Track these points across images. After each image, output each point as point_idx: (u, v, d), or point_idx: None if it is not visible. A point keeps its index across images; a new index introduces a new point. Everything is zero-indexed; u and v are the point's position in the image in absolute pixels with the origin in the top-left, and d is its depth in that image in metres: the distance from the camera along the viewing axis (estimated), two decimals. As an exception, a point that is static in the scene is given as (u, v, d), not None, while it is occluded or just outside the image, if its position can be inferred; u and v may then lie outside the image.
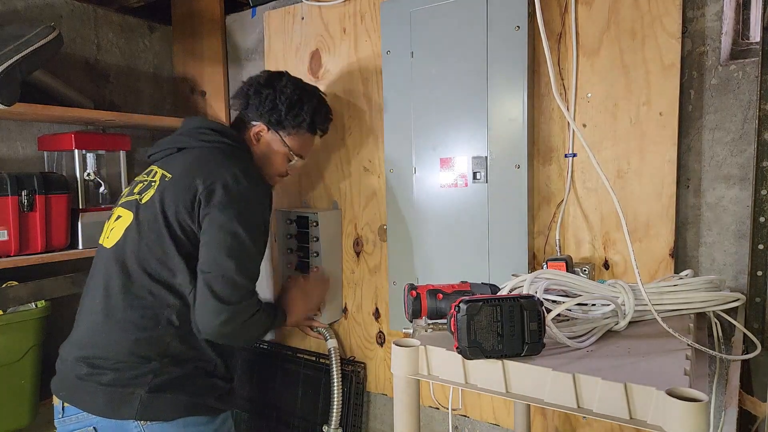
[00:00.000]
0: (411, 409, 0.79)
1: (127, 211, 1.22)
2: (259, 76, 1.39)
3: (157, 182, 1.22)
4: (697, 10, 1.16)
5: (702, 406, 0.57)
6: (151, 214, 1.17)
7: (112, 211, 1.29)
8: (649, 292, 0.87)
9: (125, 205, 1.24)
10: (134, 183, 1.30)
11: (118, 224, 1.22)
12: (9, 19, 1.59)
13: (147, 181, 1.25)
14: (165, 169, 1.24)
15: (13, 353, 1.41)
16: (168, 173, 1.22)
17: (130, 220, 1.20)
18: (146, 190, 1.22)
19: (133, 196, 1.24)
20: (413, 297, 0.87)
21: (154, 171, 1.26)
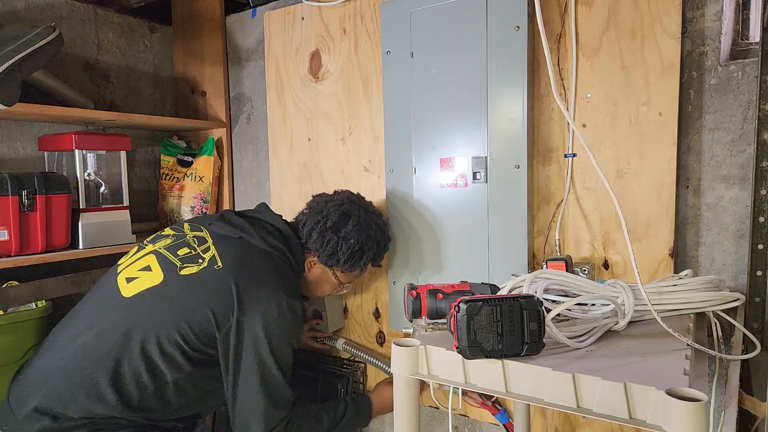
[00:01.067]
0: (411, 409, 0.79)
1: (159, 268, 1.18)
2: (328, 216, 1.30)
3: (205, 260, 1.18)
4: (697, 11, 1.16)
5: (701, 405, 0.57)
6: (181, 296, 1.14)
7: (142, 246, 1.26)
8: (649, 292, 0.88)
9: (160, 259, 1.20)
10: (177, 236, 1.26)
11: (144, 277, 1.18)
12: (9, 19, 1.59)
13: (195, 252, 1.20)
14: (218, 250, 1.19)
15: (13, 353, 1.41)
16: (219, 261, 1.17)
17: (158, 282, 1.16)
18: (190, 263, 1.18)
19: (174, 258, 1.19)
20: (413, 297, 0.87)
21: (208, 245, 1.21)
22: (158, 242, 1.27)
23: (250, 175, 1.94)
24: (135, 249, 1.31)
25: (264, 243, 1.23)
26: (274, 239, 1.25)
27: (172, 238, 1.26)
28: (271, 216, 1.32)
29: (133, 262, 1.24)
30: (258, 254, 1.21)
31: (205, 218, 1.33)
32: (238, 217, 1.30)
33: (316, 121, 1.69)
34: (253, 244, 1.23)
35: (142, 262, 1.22)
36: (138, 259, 1.24)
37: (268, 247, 1.23)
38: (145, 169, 1.99)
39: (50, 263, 1.48)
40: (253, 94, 1.90)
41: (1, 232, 1.39)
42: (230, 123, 1.96)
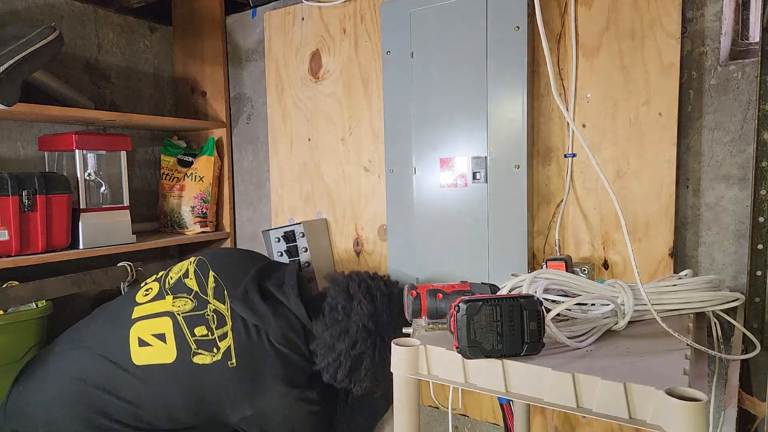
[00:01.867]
0: (411, 409, 0.79)
1: (173, 343, 1.17)
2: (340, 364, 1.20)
3: (219, 356, 1.15)
4: (697, 11, 1.16)
5: (701, 405, 0.57)
6: (191, 386, 1.14)
7: (158, 291, 1.25)
8: (649, 292, 0.88)
9: (177, 332, 1.18)
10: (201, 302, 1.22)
11: (157, 347, 1.17)
12: (9, 19, 1.59)
13: (212, 336, 1.18)
14: (235, 342, 1.17)
15: (13, 353, 1.41)
16: (234, 357, 1.16)
17: (170, 361, 1.16)
18: (204, 350, 1.16)
19: (190, 337, 1.17)
20: (413, 297, 0.87)
21: (226, 330, 1.18)
22: (179, 298, 1.23)
23: (250, 175, 1.94)
24: (156, 286, 1.29)
25: (282, 339, 1.20)
26: (294, 334, 1.21)
27: (193, 300, 1.23)
28: (297, 304, 1.24)
29: (150, 317, 1.22)
30: (274, 354, 1.19)
31: (229, 269, 1.28)
32: (260, 299, 1.23)
33: (316, 121, 1.69)
34: (270, 340, 1.19)
35: (157, 325, 1.20)
36: (155, 316, 1.22)
37: (285, 342, 1.20)
38: (145, 169, 1.99)
39: (50, 263, 1.48)
40: (253, 94, 1.90)
41: (2, 232, 1.39)
42: (230, 123, 1.96)
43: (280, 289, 1.27)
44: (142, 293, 1.30)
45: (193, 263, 1.33)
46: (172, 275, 1.32)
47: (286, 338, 1.20)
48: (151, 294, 1.29)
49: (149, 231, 1.96)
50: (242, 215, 1.97)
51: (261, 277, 1.28)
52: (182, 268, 1.33)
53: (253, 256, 1.42)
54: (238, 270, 1.29)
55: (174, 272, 1.33)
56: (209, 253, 1.38)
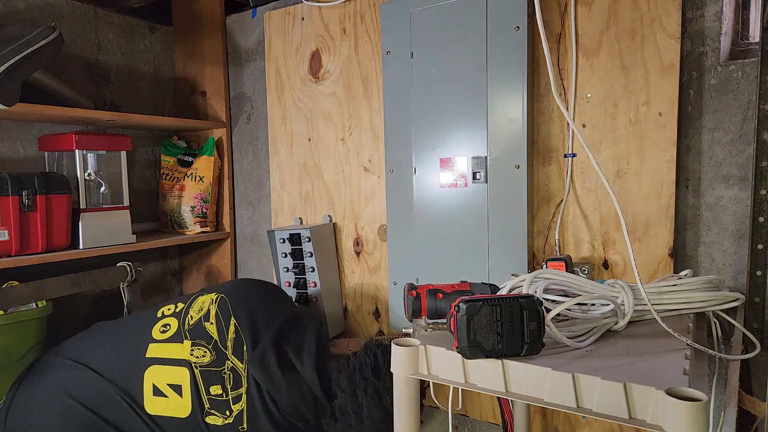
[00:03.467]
0: (411, 409, 0.79)
1: (188, 398, 1.16)
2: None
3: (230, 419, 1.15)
4: (697, 11, 1.16)
5: (701, 405, 0.57)
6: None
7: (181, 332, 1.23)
8: (649, 292, 0.88)
9: (193, 387, 1.16)
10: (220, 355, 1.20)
11: (172, 400, 1.16)
12: (9, 19, 1.59)
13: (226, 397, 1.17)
14: (248, 407, 1.16)
15: (13, 353, 1.41)
16: (245, 423, 1.16)
17: (183, 417, 1.15)
18: (217, 411, 1.15)
19: (205, 395, 1.16)
20: (413, 297, 0.87)
21: (241, 392, 1.17)
22: (198, 348, 1.21)
23: (250, 175, 1.94)
24: (175, 325, 1.25)
25: (291, 410, 1.19)
26: (304, 407, 1.21)
27: (212, 352, 1.21)
28: (312, 377, 1.21)
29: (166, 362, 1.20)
30: (282, 422, 1.19)
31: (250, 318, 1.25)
32: (276, 364, 1.20)
33: (316, 121, 1.69)
34: (280, 410, 1.19)
35: (174, 375, 1.18)
36: (172, 363, 1.19)
37: (293, 414, 1.20)
38: (145, 169, 1.99)
39: (50, 263, 1.48)
40: (253, 94, 1.90)
41: (2, 232, 1.39)
42: (230, 123, 1.96)
43: (298, 356, 1.23)
44: (159, 328, 1.26)
45: (215, 303, 1.29)
46: (192, 314, 1.28)
47: (295, 410, 1.20)
48: (169, 332, 1.25)
49: (149, 231, 1.96)
50: (242, 215, 1.97)
51: (280, 338, 1.25)
52: (203, 307, 1.28)
53: (276, 301, 1.36)
54: (259, 322, 1.26)
55: (194, 311, 1.28)
56: (231, 291, 1.33)
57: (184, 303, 1.32)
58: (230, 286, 1.36)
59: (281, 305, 1.35)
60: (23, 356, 1.42)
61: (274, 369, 1.19)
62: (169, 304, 1.34)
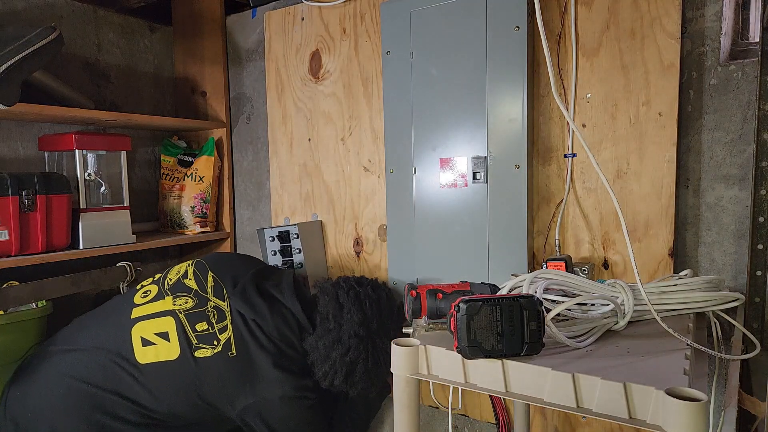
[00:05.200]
0: (411, 409, 0.79)
1: (176, 340, 1.19)
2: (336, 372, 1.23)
3: (219, 347, 1.19)
4: (697, 11, 1.16)
5: (701, 405, 0.57)
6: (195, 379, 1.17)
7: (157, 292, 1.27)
8: (649, 292, 0.88)
9: (179, 330, 1.20)
10: (199, 299, 1.25)
11: (161, 346, 1.20)
12: (9, 19, 1.59)
13: (212, 329, 1.21)
14: (234, 334, 1.20)
15: (13, 353, 1.41)
16: (234, 347, 1.19)
17: (174, 358, 1.18)
18: (205, 343, 1.19)
19: (192, 333, 1.20)
20: (413, 297, 0.87)
21: (226, 323, 1.21)
22: (179, 299, 1.26)
23: (250, 175, 1.94)
24: (154, 288, 1.31)
25: (277, 334, 1.23)
26: (289, 330, 1.24)
27: (193, 298, 1.26)
28: (293, 301, 1.27)
29: (152, 316, 1.24)
30: (271, 346, 1.22)
31: (230, 273, 1.30)
32: (258, 296, 1.26)
33: (316, 121, 1.69)
34: (266, 333, 1.22)
35: (160, 324, 1.23)
36: (156, 315, 1.24)
37: (280, 337, 1.23)
38: (145, 169, 1.99)
39: (50, 263, 1.48)
40: (253, 94, 1.90)
41: (2, 232, 1.39)
42: (230, 123, 1.96)
43: (277, 288, 1.30)
44: (140, 295, 1.32)
45: (191, 265, 1.35)
46: (170, 276, 1.34)
47: (281, 333, 1.24)
48: (150, 295, 1.31)
49: (149, 231, 1.96)
50: (242, 215, 1.97)
51: (258, 278, 1.32)
52: (180, 270, 1.35)
53: (250, 259, 1.45)
54: (236, 271, 1.33)
55: (172, 274, 1.35)
56: (207, 256, 1.41)
57: (160, 273, 1.39)
58: (206, 255, 1.44)
59: (256, 262, 1.43)
60: (23, 356, 1.42)
61: (255, 299, 1.25)
62: (147, 278, 1.40)
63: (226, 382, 1.19)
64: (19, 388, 1.22)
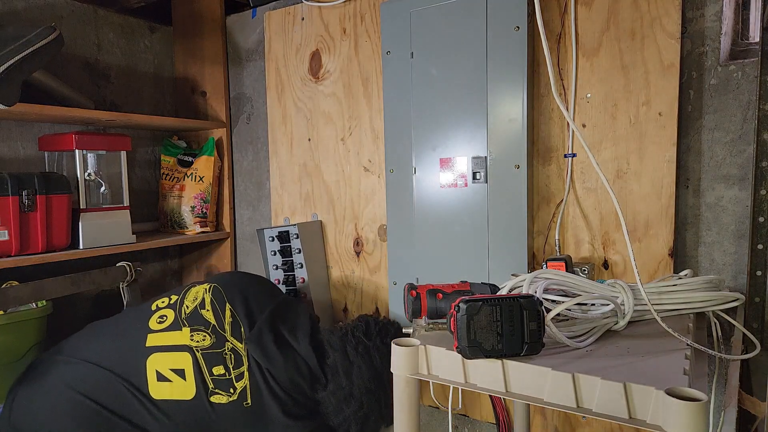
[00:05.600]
0: (411, 409, 0.79)
1: (192, 380, 1.18)
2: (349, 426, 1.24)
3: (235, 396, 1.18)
4: (697, 11, 1.16)
5: (701, 405, 0.57)
6: (204, 424, 1.16)
7: (179, 321, 1.25)
8: (649, 292, 0.88)
9: (195, 370, 1.19)
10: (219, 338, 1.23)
11: (176, 383, 1.18)
12: (9, 19, 1.59)
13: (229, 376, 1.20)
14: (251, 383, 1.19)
15: (13, 353, 1.41)
16: (249, 398, 1.18)
17: (188, 399, 1.17)
18: (221, 390, 1.18)
19: (208, 377, 1.18)
20: (413, 297, 0.87)
21: (242, 370, 1.20)
22: (197, 333, 1.24)
23: (250, 175, 1.94)
24: (172, 316, 1.27)
25: (289, 383, 1.22)
26: (301, 378, 1.23)
27: (211, 335, 1.24)
28: (308, 351, 1.25)
29: (168, 349, 1.22)
30: (282, 394, 1.21)
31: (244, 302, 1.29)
32: (274, 343, 1.24)
33: (316, 121, 1.69)
34: (278, 382, 1.21)
35: (176, 359, 1.21)
36: (173, 349, 1.22)
37: (291, 387, 1.22)
38: (145, 169, 1.99)
39: (50, 263, 1.48)
40: (253, 94, 1.90)
41: (2, 232, 1.39)
42: (230, 123, 1.96)
43: (293, 335, 1.27)
44: (156, 319, 1.28)
45: (208, 292, 1.31)
46: (187, 304, 1.30)
47: (293, 382, 1.22)
48: (166, 322, 1.27)
49: (149, 231, 1.96)
50: (242, 215, 1.97)
51: (275, 319, 1.29)
52: (197, 297, 1.31)
53: (267, 289, 1.40)
54: (253, 305, 1.30)
55: (189, 300, 1.31)
56: (222, 280, 1.37)
57: (177, 295, 1.34)
58: (221, 277, 1.41)
59: (272, 291, 1.40)
60: (23, 356, 1.42)
61: (271, 347, 1.23)
62: (162, 297, 1.36)
63: (240, 430, 1.19)
64: (26, 394, 1.20)
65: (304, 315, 1.33)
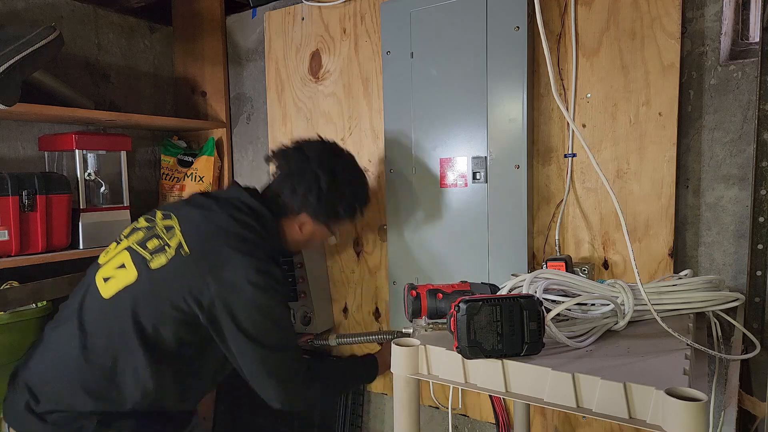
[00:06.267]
0: (411, 409, 0.79)
1: (132, 265, 1.18)
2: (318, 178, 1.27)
3: (172, 251, 1.17)
4: (697, 11, 1.16)
5: (701, 405, 0.57)
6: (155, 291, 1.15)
7: (119, 241, 1.25)
8: (649, 292, 0.88)
9: (133, 255, 1.19)
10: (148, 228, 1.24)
11: (120, 275, 1.18)
12: (9, 19, 1.59)
13: (163, 241, 1.19)
14: (185, 236, 1.18)
15: (13, 353, 1.41)
16: (186, 246, 1.17)
17: (133, 280, 1.16)
18: (159, 253, 1.17)
19: (144, 251, 1.19)
20: (413, 297, 0.87)
21: (174, 231, 1.20)
22: (132, 236, 1.26)
23: (250, 175, 1.94)
24: (114, 245, 1.30)
25: (230, 219, 1.20)
26: (242, 214, 1.22)
27: (144, 230, 1.25)
28: (239, 192, 1.27)
29: (111, 260, 1.24)
30: (224, 232, 1.19)
31: (176, 204, 1.31)
32: (205, 197, 1.27)
33: (316, 121, 1.69)
34: (217, 224, 1.20)
35: (117, 260, 1.22)
36: (114, 256, 1.24)
37: (234, 222, 1.21)
38: (145, 169, 1.99)
39: (50, 263, 1.48)
40: (253, 94, 1.90)
41: (1, 232, 1.39)
42: (230, 123, 1.96)
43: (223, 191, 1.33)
44: (102, 256, 1.30)
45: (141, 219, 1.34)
46: (124, 233, 1.32)
47: (234, 218, 1.21)
48: (109, 250, 1.29)
49: (149, 231, 1.95)
50: (242, 215, 1.97)
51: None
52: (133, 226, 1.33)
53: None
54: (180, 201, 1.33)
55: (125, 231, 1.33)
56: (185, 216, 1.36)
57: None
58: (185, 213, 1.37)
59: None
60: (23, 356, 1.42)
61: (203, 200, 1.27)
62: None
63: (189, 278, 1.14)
64: (28, 364, 1.21)
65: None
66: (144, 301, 1.15)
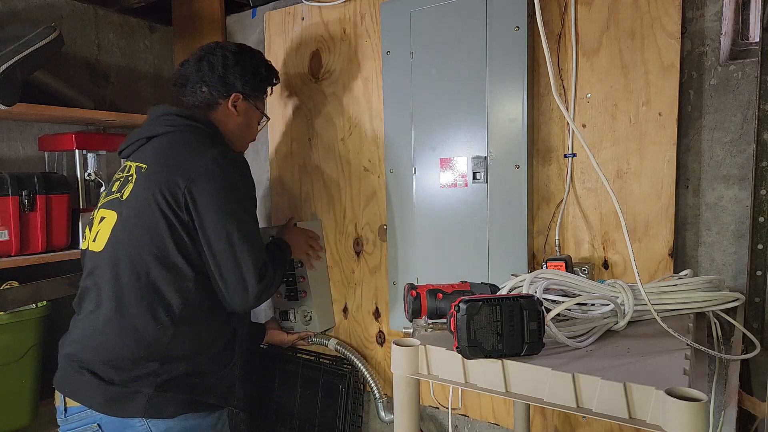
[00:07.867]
0: (411, 409, 0.79)
1: (109, 211, 1.21)
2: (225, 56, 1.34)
3: (133, 175, 1.21)
4: (697, 11, 1.16)
5: (701, 405, 0.57)
6: (135, 209, 1.17)
7: (92, 215, 1.27)
8: (649, 292, 0.88)
9: (106, 205, 1.23)
10: (111, 182, 1.29)
11: (103, 226, 1.21)
12: (9, 19, 1.59)
13: (123, 177, 1.24)
14: (138, 161, 1.23)
15: (13, 353, 1.41)
16: (142, 164, 1.21)
17: (115, 220, 1.19)
18: (125, 186, 1.21)
19: (113, 195, 1.23)
20: (413, 297, 0.87)
21: (128, 165, 1.25)
22: (100, 201, 1.29)
23: (250, 175, 1.94)
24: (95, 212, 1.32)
25: (168, 128, 1.26)
26: (176, 120, 1.27)
27: (105, 191, 1.29)
28: (163, 108, 1.31)
29: (92, 225, 1.26)
30: (172, 137, 1.25)
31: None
32: (136, 129, 1.31)
33: (316, 121, 1.69)
34: (161, 134, 1.26)
35: (96, 221, 1.25)
36: (94, 220, 1.26)
37: (174, 128, 1.26)
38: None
39: (50, 263, 1.48)
40: (253, 94, 1.90)
41: (2, 232, 1.39)
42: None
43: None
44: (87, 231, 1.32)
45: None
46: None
47: (172, 125, 1.26)
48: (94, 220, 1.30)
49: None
50: (242, 215, 1.97)
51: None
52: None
53: None
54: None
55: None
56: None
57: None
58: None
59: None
60: (23, 356, 1.43)
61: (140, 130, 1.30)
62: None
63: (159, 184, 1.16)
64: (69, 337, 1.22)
65: None
66: (135, 227, 1.16)
